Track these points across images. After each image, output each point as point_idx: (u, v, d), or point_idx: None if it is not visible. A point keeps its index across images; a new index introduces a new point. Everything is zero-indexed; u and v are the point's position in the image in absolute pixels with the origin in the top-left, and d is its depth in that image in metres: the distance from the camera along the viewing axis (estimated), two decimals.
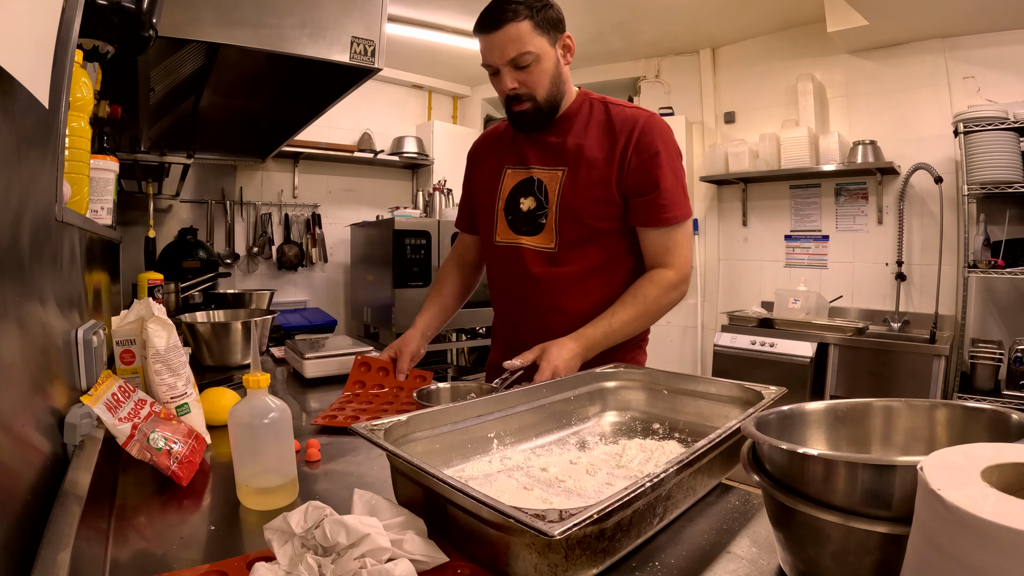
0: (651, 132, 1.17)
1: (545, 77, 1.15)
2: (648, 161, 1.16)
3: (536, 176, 1.25)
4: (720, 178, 3.64)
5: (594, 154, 1.19)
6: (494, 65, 1.15)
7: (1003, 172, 2.61)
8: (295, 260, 3.81)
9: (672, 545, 0.64)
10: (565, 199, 1.20)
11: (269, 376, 0.77)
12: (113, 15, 0.89)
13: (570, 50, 1.20)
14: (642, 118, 1.19)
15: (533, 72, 1.14)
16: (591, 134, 1.21)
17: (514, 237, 1.27)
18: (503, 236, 1.29)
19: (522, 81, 1.15)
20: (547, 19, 1.13)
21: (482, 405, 0.87)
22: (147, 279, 2.24)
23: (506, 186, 1.29)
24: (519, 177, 1.28)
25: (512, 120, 1.23)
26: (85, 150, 1.02)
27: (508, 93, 1.17)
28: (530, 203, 1.24)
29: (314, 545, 0.55)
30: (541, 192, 1.24)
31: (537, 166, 1.25)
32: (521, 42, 1.11)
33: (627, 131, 1.17)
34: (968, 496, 0.35)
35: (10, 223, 0.55)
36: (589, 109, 1.23)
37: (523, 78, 1.14)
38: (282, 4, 1.29)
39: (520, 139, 1.29)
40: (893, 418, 0.64)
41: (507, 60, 1.12)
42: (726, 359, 3.25)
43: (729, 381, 0.94)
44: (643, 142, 1.16)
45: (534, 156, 1.26)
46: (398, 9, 3.11)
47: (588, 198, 1.19)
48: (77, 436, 0.72)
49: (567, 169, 1.21)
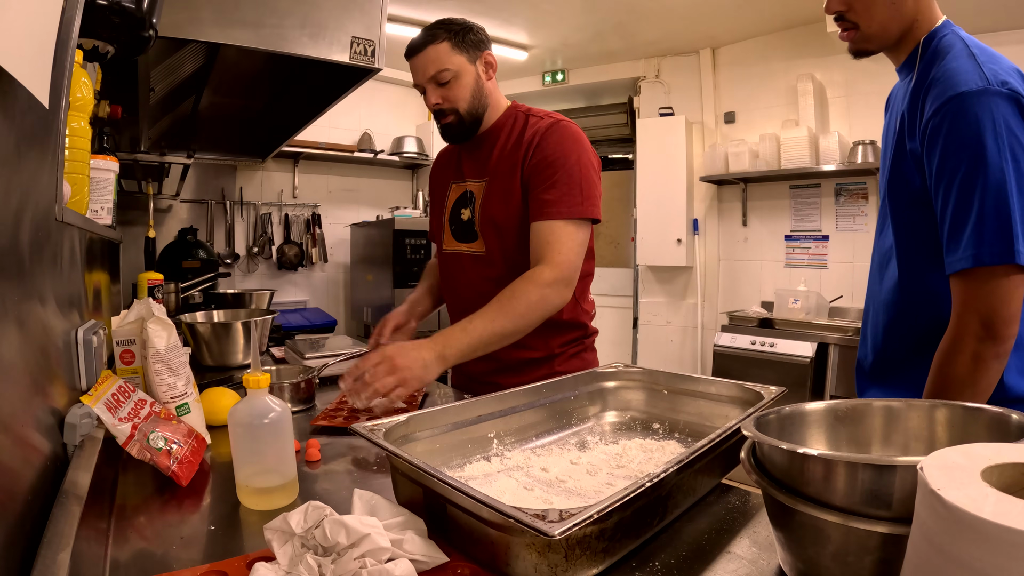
0: (550, 136, 1.24)
1: (466, 91, 1.26)
2: (541, 162, 1.23)
3: (469, 189, 1.36)
4: (720, 178, 3.64)
5: (505, 165, 1.28)
6: (419, 84, 1.27)
7: None
8: (295, 260, 3.81)
9: (672, 545, 0.64)
10: (483, 208, 1.31)
11: (269, 376, 0.77)
12: (113, 15, 0.89)
13: (492, 66, 1.30)
14: (545, 124, 1.26)
15: (453, 88, 1.24)
16: (509, 145, 1.29)
17: (456, 245, 1.39)
18: (448, 245, 1.41)
19: (444, 96, 1.25)
20: (467, 40, 1.24)
21: (482, 405, 0.87)
22: (147, 279, 2.24)
23: (450, 199, 1.41)
24: (459, 191, 1.39)
25: (441, 132, 1.33)
26: (85, 150, 1.02)
27: (432, 108, 1.27)
28: (467, 213, 1.36)
29: (314, 545, 0.55)
30: (472, 203, 1.34)
31: (470, 179, 1.37)
32: (439, 61, 1.22)
33: (530, 138, 1.26)
34: (968, 496, 0.35)
35: (10, 223, 0.55)
36: (513, 122, 1.32)
37: (445, 93, 1.25)
38: (282, 4, 1.29)
39: (463, 155, 1.39)
40: (893, 418, 0.64)
41: (428, 77, 1.24)
42: (726, 359, 3.26)
43: (729, 381, 0.94)
44: (541, 146, 1.24)
45: (468, 170, 1.37)
46: (398, 9, 3.12)
47: (501, 204, 1.28)
48: (77, 436, 0.72)
49: (487, 180, 1.31)
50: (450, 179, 1.43)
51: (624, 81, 4.18)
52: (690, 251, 3.86)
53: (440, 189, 1.46)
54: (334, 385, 1.44)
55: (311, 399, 1.25)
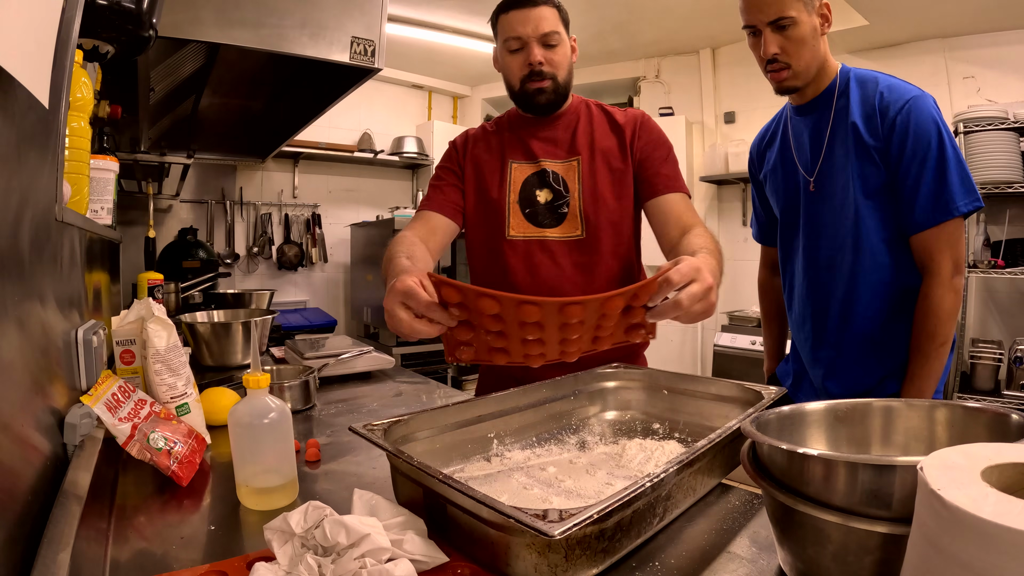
0: (650, 121, 1.29)
1: (566, 61, 1.23)
2: (652, 140, 1.25)
3: (549, 168, 1.26)
4: (720, 178, 3.64)
5: (606, 144, 1.26)
6: (525, 37, 1.18)
7: (1003, 172, 2.61)
8: (295, 260, 3.81)
9: (672, 545, 0.64)
10: (587, 186, 1.24)
11: (269, 376, 0.77)
12: (113, 15, 0.89)
13: (575, 51, 1.27)
14: (641, 114, 1.30)
15: (558, 53, 1.21)
16: (597, 128, 1.27)
17: (535, 230, 1.26)
18: (519, 230, 1.27)
19: (548, 59, 1.20)
20: (566, 16, 1.22)
21: (482, 405, 0.87)
22: (147, 279, 2.24)
23: (515, 180, 1.28)
24: (529, 171, 1.28)
25: (528, 96, 1.23)
26: (85, 150, 1.02)
27: (535, 67, 1.20)
28: (546, 195, 1.26)
29: (314, 545, 0.55)
30: (559, 183, 1.25)
31: (547, 159, 1.27)
32: (553, 22, 1.19)
33: (632, 124, 1.26)
34: (968, 496, 0.35)
35: (10, 223, 0.55)
36: (587, 109, 1.30)
37: (550, 56, 1.20)
38: (282, 4, 1.29)
39: (521, 135, 1.29)
40: (893, 418, 0.64)
41: (540, 34, 1.18)
42: (726, 359, 3.26)
43: (729, 381, 0.94)
44: (645, 128, 1.27)
45: (541, 149, 1.28)
46: (398, 9, 3.12)
47: (608, 183, 1.24)
48: (77, 436, 0.72)
49: (581, 158, 1.26)
50: (506, 158, 1.29)
51: (624, 81, 4.18)
52: None
53: (488, 168, 1.30)
54: (334, 385, 1.44)
55: (311, 399, 1.25)
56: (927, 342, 1.14)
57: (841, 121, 1.18)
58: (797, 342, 1.38)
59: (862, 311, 1.21)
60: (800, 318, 1.33)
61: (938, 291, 1.12)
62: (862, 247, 1.18)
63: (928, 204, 1.10)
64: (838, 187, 1.20)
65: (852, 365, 1.24)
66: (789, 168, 1.30)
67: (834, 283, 1.24)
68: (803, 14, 1.13)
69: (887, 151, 1.13)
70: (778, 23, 1.13)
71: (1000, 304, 2.86)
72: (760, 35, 1.16)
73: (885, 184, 1.15)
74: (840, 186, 1.19)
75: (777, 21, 1.13)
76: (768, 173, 1.37)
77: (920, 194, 1.11)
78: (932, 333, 1.13)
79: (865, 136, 1.14)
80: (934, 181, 1.10)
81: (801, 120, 1.27)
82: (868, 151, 1.15)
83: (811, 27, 1.14)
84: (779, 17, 1.12)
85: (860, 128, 1.15)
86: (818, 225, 1.25)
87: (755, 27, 1.16)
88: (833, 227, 1.22)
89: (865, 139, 1.14)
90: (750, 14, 1.16)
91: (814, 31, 1.15)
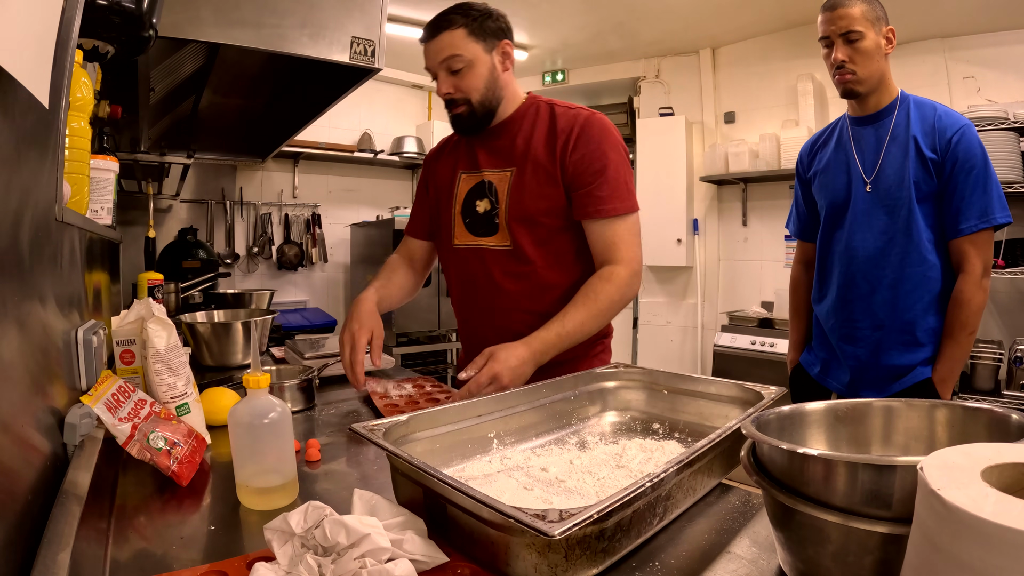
0: (591, 128, 1.21)
1: (479, 81, 1.20)
2: (587, 155, 1.19)
3: (487, 179, 1.29)
4: (720, 178, 3.64)
5: (538, 153, 1.23)
6: (434, 69, 1.22)
7: (1003, 172, 2.60)
8: (295, 260, 3.81)
9: (672, 545, 0.64)
10: (513, 199, 1.24)
11: (269, 376, 0.77)
12: (113, 15, 0.89)
13: (509, 57, 1.25)
14: (583, 115, 1.23)
15: (466, 77, 1.20)
16: (536, 135, 1.24)
17: (473, 239, 1.31)
18: (461, 239, 1.33)
19: (456, 85, 1.20)
20: (484, 28, 1.20)
21: (482, 405, 0.87)
22: (147, 279, 2.24)
23: (461, 190, 1.33)
24: (473, 181, 1.31)
25: (451, 122, 1.29)
26: (85, 150, 1.02)
27: (443, 96, 1.23)
28: (485, 205, 1.28)
29: (314, 545, 0.55)
30: (492, 193, 1.28)
31: (487, 168, 1.29)
32: (453, 48, 1.18)
33: (568, 128, 1.22)
34: (968, 496, 0.35)
35: (10, 223, 0.55)
36: (535, 112, 1.28)
37: (456, 82, 1.20)
38: (282, 4, 1.29)
39: (473, 144, 1.32)
40: (893, 418, 0.64)
41: (439, 63, 1.19)
42: (726, 359, 3.25)
43: (729, 381, 0.94)
44: (583, 137, 1.20)
45: (484, 159, 1.30)
46: (398, 9, 3.12)
47: (535, 196, 1.22)
48: (77, 436, 0.72)
49: (515, 170, 1.25)
50: (458, 169, 1.34)
51: (624, 81, 4.18)
52: (690, 251, 3.86)
53: (444, 180, 1.37)
54: (334, 385, 1.44)
55: (311, 399, 1.25)
56: (959, 330, 1.35)
57: (900, 132, 1.38)
58: (829, 329, 1.53)
59: (905, 297, 1.39)
60: (839, 303, 1.48)
61: (970, 288, 1.33)
62: (912, 240, 1.37)
63: (972, 213, 1.32)
64: (893, 187, 1.38)
65: (895, 344, 1.42)
66: (844, 168, 1.47)
67: (882, 271, 1.41)
68: (870, 31, 1.34)
69: (942, 164, 1.34)
70: (848, 36, 1.34)
71: (1000, 304, 2.86)
72: (833, 46, 1.36)
73: (935, 192, 1.36)
74: (895, 185, 1.38)
75: (847, 34, 1.34)
76: (819, 172, 1.54)
77: (966, 203, 1.32)
78: (964, 323, 1.34)
79: (924, 148, 1.34)
80: (979, 194, 1.31)
81: (862, 129, 1.46)
82: (925, 161, 1.34)
83: (876, 43, 1.35)
84: (849, 30, 1.33)
85: (920, 141, 1.35)
86: (871, 219, 1.42)
87: (829, 38, 1.37)
88: (886, 221, 1.40)
89: (924, 151, 1.34)
90: (826, 27, 1.37)
91: (878, 47, 1.35)
